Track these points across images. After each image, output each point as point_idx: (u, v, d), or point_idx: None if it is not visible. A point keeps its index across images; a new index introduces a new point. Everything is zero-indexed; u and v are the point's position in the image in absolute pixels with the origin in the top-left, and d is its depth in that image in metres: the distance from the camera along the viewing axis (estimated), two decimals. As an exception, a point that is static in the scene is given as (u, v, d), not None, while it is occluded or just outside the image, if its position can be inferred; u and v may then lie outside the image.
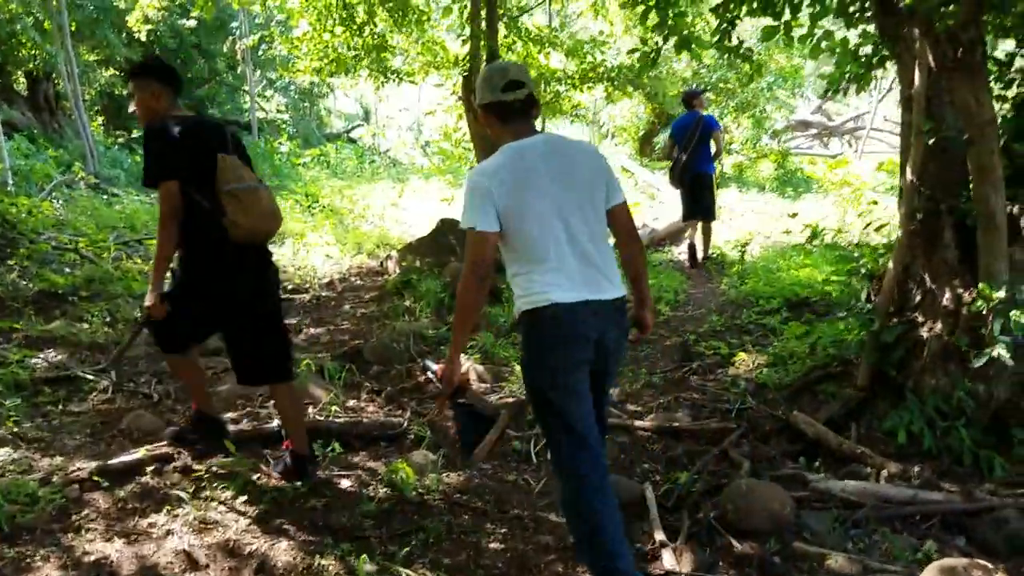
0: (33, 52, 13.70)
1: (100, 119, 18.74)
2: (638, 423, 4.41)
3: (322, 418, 4.56)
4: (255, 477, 3.77)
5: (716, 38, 5.42)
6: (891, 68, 5.72)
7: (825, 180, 11.41)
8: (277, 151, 18.27)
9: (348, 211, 12.53)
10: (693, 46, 5.55)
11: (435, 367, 2.86)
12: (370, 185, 15.08)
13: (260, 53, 20.44)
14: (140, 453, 3.89)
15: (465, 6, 9.04)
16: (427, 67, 9.96)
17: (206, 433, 4.03)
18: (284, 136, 20.05)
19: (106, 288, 7.05)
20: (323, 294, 8.02)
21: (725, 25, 5.40)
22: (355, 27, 8.87)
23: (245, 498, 3.56)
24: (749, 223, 11.21)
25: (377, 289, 8.05)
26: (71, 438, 4.25)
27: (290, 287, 8.13)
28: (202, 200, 3.40)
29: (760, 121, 15.26)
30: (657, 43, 5.57)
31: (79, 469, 3.71)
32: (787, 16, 5.47)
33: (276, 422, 4.31)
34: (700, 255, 9.00)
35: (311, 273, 8.76)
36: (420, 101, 35.14)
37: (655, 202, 12.91)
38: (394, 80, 9.74)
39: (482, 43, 8.27)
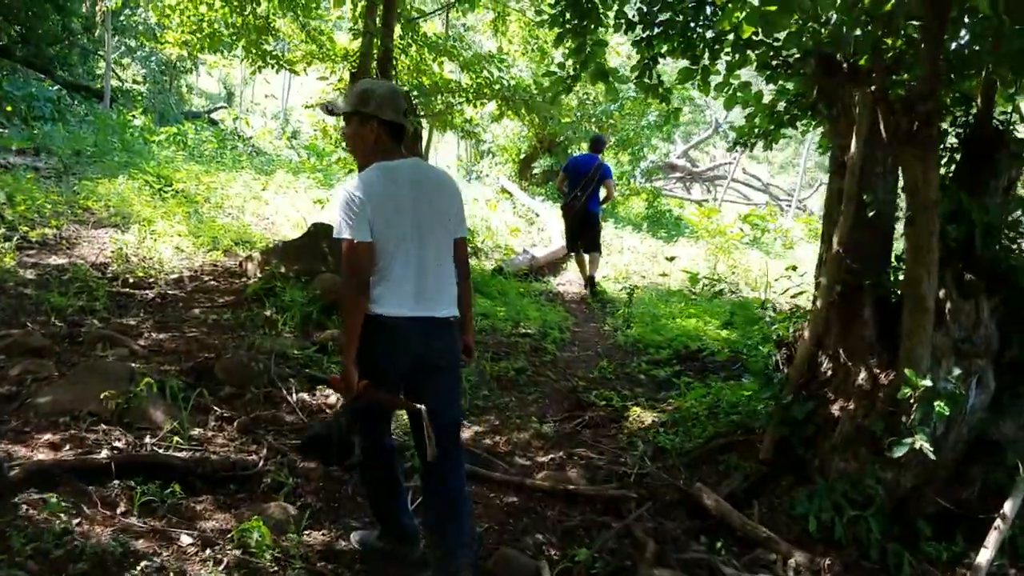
0: None
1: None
2: (529, 481, 4.00)
3: (161, 450, 3.86)
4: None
5: (636, 73, 5.17)
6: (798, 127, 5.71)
7: (700, 226, 11.58)
8: (130, 124, 16.71)
9: (204, 200, 11.49)
10: (610, 78, 5.27)
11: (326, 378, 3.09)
12: (230, 174, 13.97)
13: (122, 18, 18.77)
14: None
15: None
16: (310, 57, 9.27)
17: None
18: (139, 109, 18.43)
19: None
20: (170, 292, 7.13)
21: (647, 61, 5.17)
22: (235, 3, 8.09)
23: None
24: (624, 259, 11.18)
25: (234, 293, 7.25)
26: None
27: (131, 280, 7.19)
28: None
29: (637, 159, 15.44)
30: (574, 70, 5.26)
31: None
32: (705, 61, 5.32)
33: (104, 452, 3.59)
34: (586, 280, 9.31)
35: (157, 266, 7.82)
36: (288, 90, 33.72)
37: (533, 228, 12.70)
38: (272, 66, 8.98)
39: (375, 41, 7.73)
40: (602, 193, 9.16)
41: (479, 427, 4.81)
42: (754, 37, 4.70)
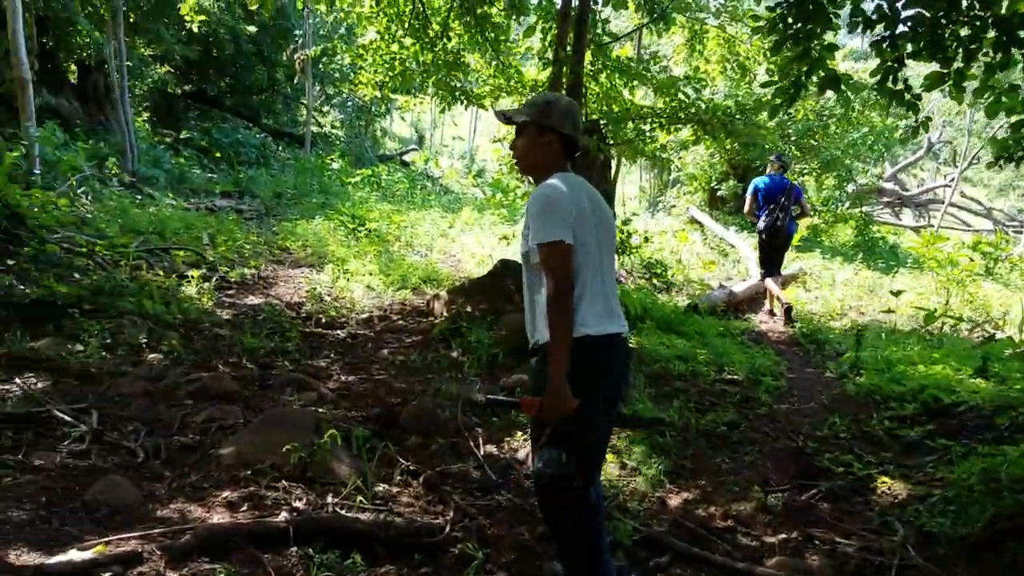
0: (86, 40, 13.11)
1: (146, 115, 18.18)
2: (760, 569, 3.28)
3: (344, 510, 3.51)
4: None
5: (877, 78, 4.37)
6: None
7: (927, 255, 10.21)
8: (328, 167, 17.55)
9: (395, 238, 11.61)
10: (842, 85, 4.50)
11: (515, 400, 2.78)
12: (420, 212, 14.18)
13: (320, 65, 19.86)
14: (94, 551, 2.87)
15: (550, 28, 8.13)
16: (498, 91, 9.06)
17: None
18: (337, 153, 19.36)
19: (115, 303, 6.13)
20: (360, 332, 7.01)
21: (890, 64, 4.36)
22: (427, 40, 8.00)
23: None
24: (838, 293, 10.04)
25: (421, 333, 7.03)
26: (18, 508, 3.24)
27: (324, 320, 7.15)
28: None
29: (843, 181, 14.10)
30: (799, 78, 4.54)
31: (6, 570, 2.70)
32: (959, 63, 4.45)
33: (283, 515, 3.28)
34: (784, 308, 8.86)
35: (348, 305, 7.78)
36: (474, 131, 34.61)
37: (728, 260, 11.80)
38: (462, 101, 8.84)
39: (565, 69, 7.34)
40: (794, 211, 8.91)
41: (688, 493, 4.14)
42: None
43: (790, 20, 4.68)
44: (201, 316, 6.49)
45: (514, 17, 8.31)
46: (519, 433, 4.59)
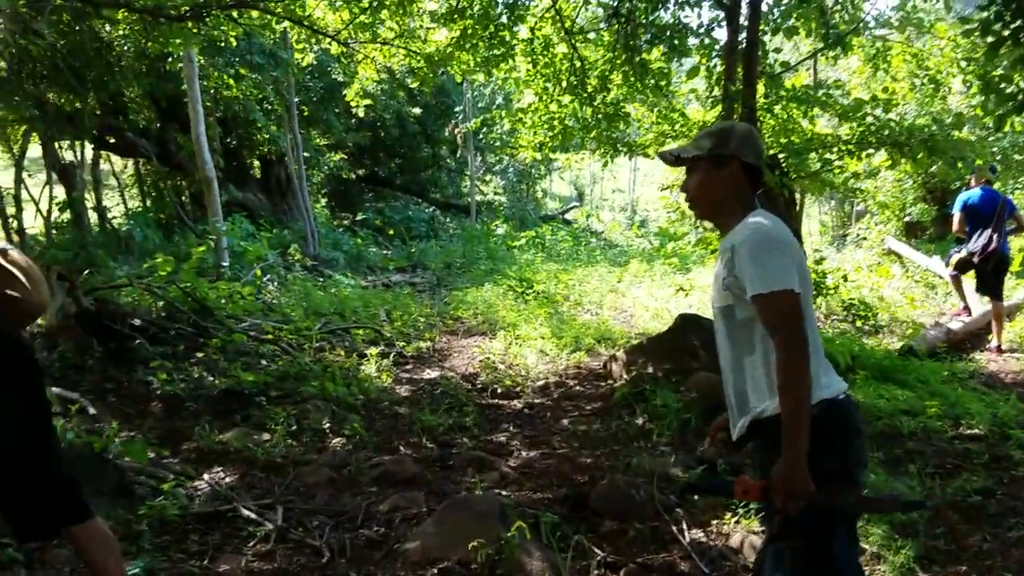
0: (266, 136, 14.05)
1: (324, 201, 19.25)
2: None
3: (538, 616, 3.12)
4: None
5: None
6: None
7: None
8: (493, 233, 17.75)
9: (563, 298, 11.34)
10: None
11: (747, 481, 2.21)
12: (586, 269, 13.88)
13: (481, 136, 20.35)
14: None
15: (715, 65, 7.68)
16: (662, 137, 8.67)
17: None
18: (500, 219, 19.61)
19: (299, 387, 6.19)
20: (536, 401, 6.70)
21: None
22: (585, 95, 7.79)
23: None
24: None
25: (601, 399, 6.61)
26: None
27: (499, 390, 6.91)
28: None
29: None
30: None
31: None
32: None
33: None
34: (996, 342, 7.99)
35: (523, 373, 7.51)
36: (634, 181, 34.26)
37: (936, 293, 10.58)
38: (624, 153, 8.52)
39: (736, 105, 6.85)
40: (1009, 226, 8.14)
41: (948, 584, 3.42)
42: None
43: (1007, 18, 4.01)
44: (381, 395, 6.43)
45: (675, 60, 7.94)
46: (728, 514, 4.05)
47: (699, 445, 5.19)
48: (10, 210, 12.54)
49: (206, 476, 4.56)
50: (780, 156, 7.41)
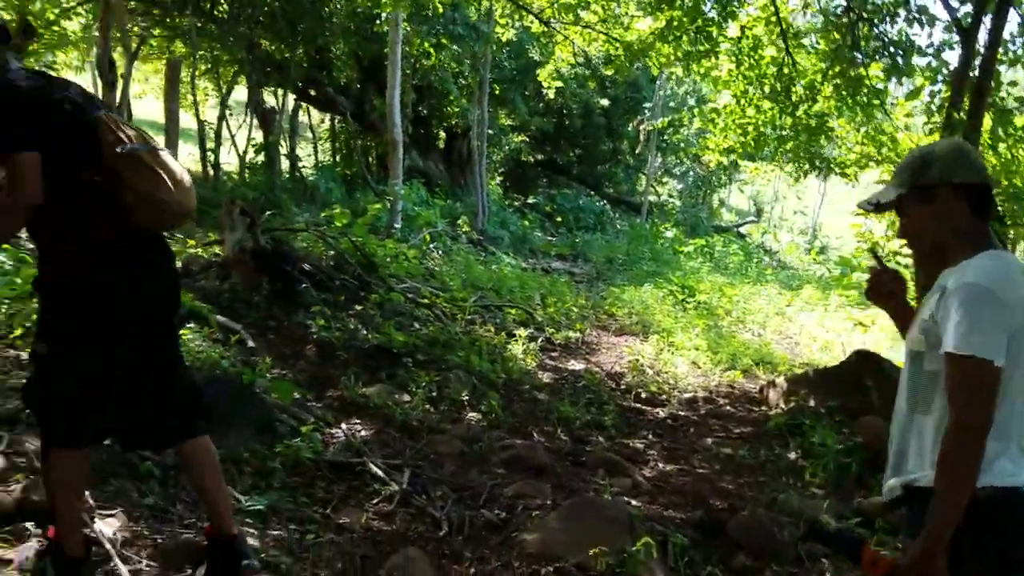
0: (455, 108, 14.33)
1: (500, 179, 19.49)
2: None
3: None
4: None
5: None
6: None
7: None
8: (661, 235, 17.31)
9: (725, 313, 10.82)
10: None
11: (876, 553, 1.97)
12: (754, 287, 13.21)
13: (665, 137, 19.88)
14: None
15: (938, 90, 6.97)
16: (865, 160, 8.00)
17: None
18: (671, 222, 19.11)
19: (445, 355, 6.19)
20: (682, 413, 6.37)
21: None
22: (788, 103, 7.28)
23: None
24: None
25: (752, 424, 6.19)
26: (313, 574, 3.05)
27: (644, 395, 6.63)
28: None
29: None
30: None
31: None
32: None
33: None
34: None
35: (671, 381, 7.18)
36: (820, 205, 32.39)
37: None
38: (819, 171, 7.93)
39: (955, 135, 6.17)
40: None
41: None
42: None
43: None
44: (523, 377, 6.33)
45: (894, 80, 7.27)
46: (882, 579, 3.60)
47: (857, 495, 4.71)
48: (210, 144, 13.47)
49: (344, 426, 4.61)
50: (997, 200, 6.62)
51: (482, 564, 3.28)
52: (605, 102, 19.78)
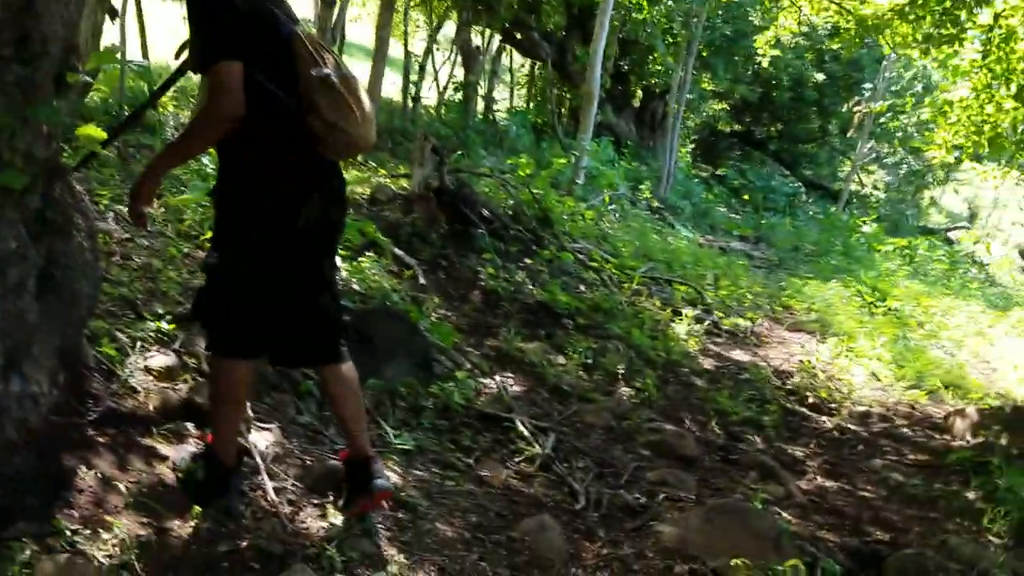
0: (658, 67, 13.88)
1: (690, 147, 18.84)
2: None
3: None
4: None
5: None
6: None
7: None
8: (857, 229, 16.11)
9: (917, 324, 9.92)
10: None
11: None
12: (955, 301, 12.03)
13: (882, 122, 18.34)
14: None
15: None
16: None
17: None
18: (872, 216, 17.73)
19: (606, 323, 6.06)
20: (851, 427, 5.91)
21: None
22: (1040, 104, 6.44)
23: None
24: None
25: (930, 453, 5.64)
26: (448, 522, 3.07)
27: (811, 400, 6.21)
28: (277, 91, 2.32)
29: None
30: None
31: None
32: None
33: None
34: None
35: (844, 391, 6.68)
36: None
37: None
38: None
39: None
40: None
41: None
42: None
43: None
44: (683, 359, 6.09)
45: None
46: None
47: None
48: (412, 76, 13.79)
49: (497, 377, 4.62)
50: None
51: (614, 547, 3.18)
52: (820, 76, 18.47)
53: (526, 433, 3.94)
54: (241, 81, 2.24)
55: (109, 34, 7.32)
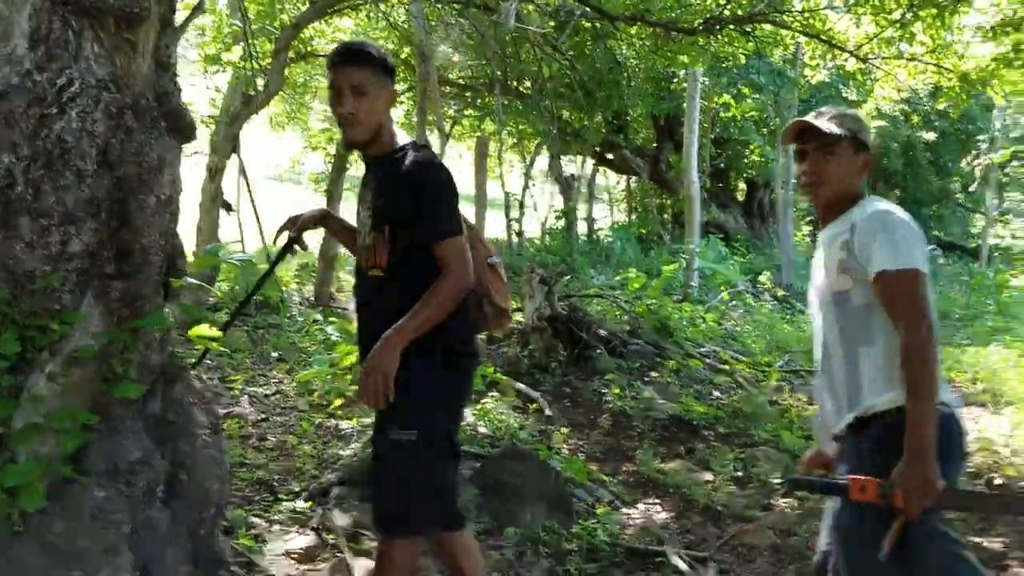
0: (757, 158, 13.70)
1: (807, 230, 18.24)
2: None
3: None
4: None
5: None
6: None
7: None
8: (1007, 284, 14.91)
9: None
10: None
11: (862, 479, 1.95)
12: None
13: (1006, 170, 17.29)
14: None
15: None
16: None
17: None
18: (1020, 268, 16.43)
19: (750, 428, 5.66)
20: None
21: None
22: None
23: None
24: None
25: None
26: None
27: (998, 480, 5.50)
28: None
29: None
30: None
31: None
32: None
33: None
34: None
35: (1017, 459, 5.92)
36: None
37: None
38: None
39: None
40: None
41: None
42: None
43: None
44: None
45: None
46: None
47: None
48: (513, 212, 14.13)
49: (640, 505, 4.32)
50: None
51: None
52: (930, 136, 17.75)
53: (682, 567, 3.61)
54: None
55: (228, 226, 7.89)
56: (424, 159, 2.37)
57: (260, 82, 7.01)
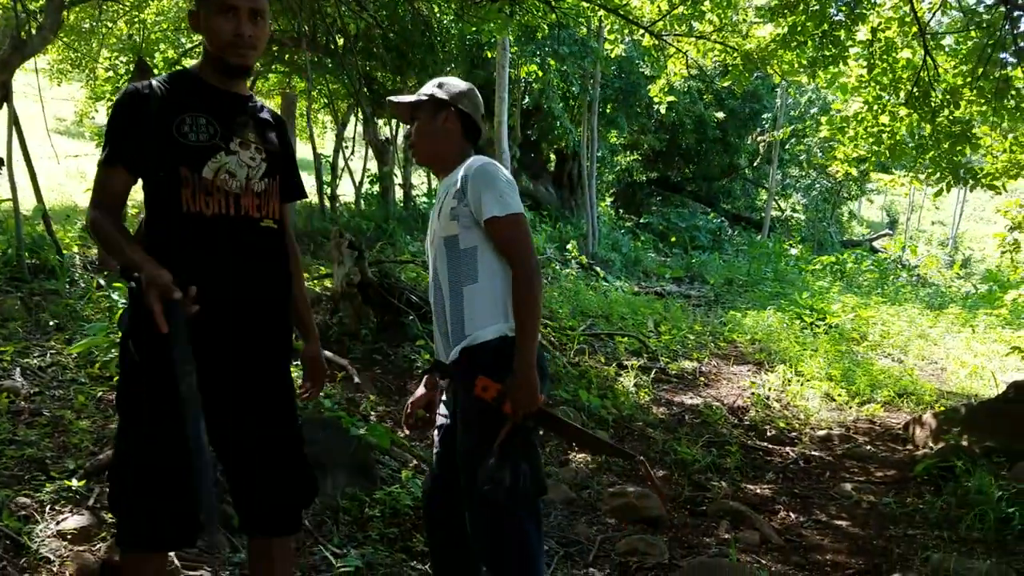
0: (563, 129, 14.10)
1: (610, 200, 19.10)
2: None
3: None
4: None
5: None
6: None
7: None
8: (785, 253, 16.42)
9: (860, 337, 10.01)
10: None
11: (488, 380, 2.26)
12: (893, 307, 12.24)
13: (787, 148, 18.94)
14: None
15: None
16: (1016, 169, 7.20)
17: None
18: (796, 239, 18.15)
19: (553, 390, 5.89)
20: (814, 453, 5.81)
21: None
22: (927, 110, 6.61)
23: None
24: None
25: (895, 466, 5.57)
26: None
27: (770, 433, 6.11)
28: None
29: None
30: None
31: None
32: None
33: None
34: None
35: (802, 417, 6.61)
36: (960, 215, 30.20)
37: None
38: (966, 183, 7.18)
39: None
40: None
41: None
42: None
43: None
44: (635, 413, 5.95)
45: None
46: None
47: (1020, 547, 4.08)
48: (327, 176, 13.71)
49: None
50: None
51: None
52: (720, 115, 19.06)
53: None
54: None
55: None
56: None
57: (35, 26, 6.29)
